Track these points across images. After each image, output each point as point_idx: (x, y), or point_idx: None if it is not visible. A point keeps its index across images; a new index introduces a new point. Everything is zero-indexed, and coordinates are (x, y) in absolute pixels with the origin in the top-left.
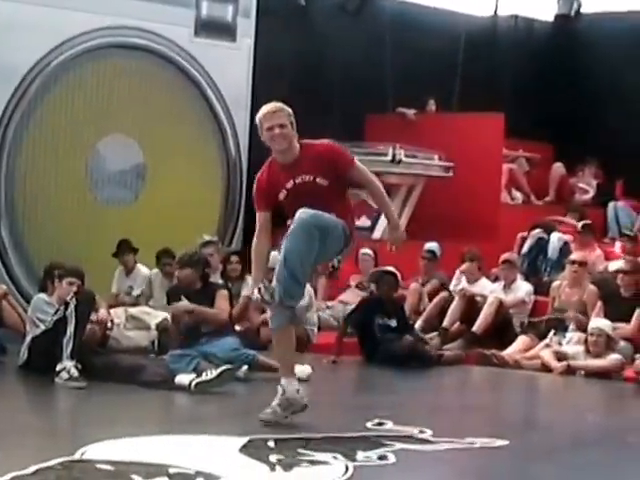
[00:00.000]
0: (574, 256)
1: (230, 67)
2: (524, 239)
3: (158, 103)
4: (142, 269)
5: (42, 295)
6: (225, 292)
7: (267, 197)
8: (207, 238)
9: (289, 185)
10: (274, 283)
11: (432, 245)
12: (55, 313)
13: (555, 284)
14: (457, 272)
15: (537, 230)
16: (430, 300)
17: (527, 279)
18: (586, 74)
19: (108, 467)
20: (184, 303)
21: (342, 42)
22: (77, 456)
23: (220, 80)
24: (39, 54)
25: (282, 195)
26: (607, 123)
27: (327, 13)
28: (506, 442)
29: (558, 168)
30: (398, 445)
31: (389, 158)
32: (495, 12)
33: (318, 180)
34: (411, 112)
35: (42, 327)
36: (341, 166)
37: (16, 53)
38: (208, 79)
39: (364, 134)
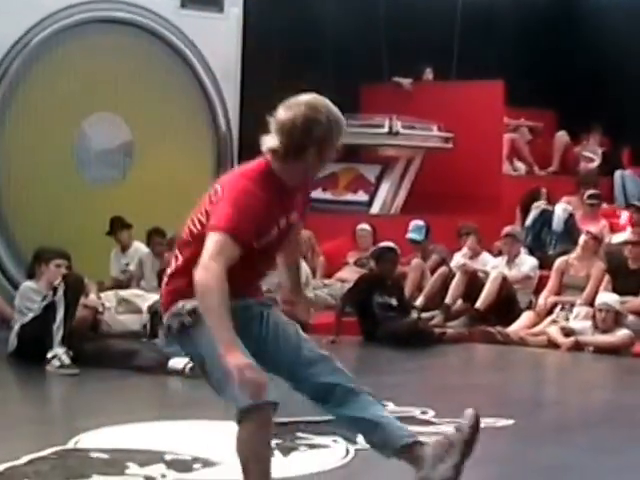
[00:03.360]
0: (590, 229)
1: (218, 39)
2: (523, 212)
3: (145, 79)
4: (139, 246)
5: (29, 283)
6: None
7: (257, 228)
8: None
9: (282, 223)
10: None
11: (412, 234)
12: (44, 299)
13: (562, 258)
14: (464, 248)
15: (540, 202)
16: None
17: (532, 253)
18: (589, 38)
19: (103, 455)
20: None
21: (335, 9)
22: (71, 445)
23: (208, 53)
24: (19, 32)
25: (269, 237)
26: (613, 89)
27: None
28: (511, 422)
29: (562, 137)
30: None
31: (386, 130)
32: None
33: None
34: (407, 82)
35: (30, 315)
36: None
37: None
38: (196, 52)
39: (360, 106)
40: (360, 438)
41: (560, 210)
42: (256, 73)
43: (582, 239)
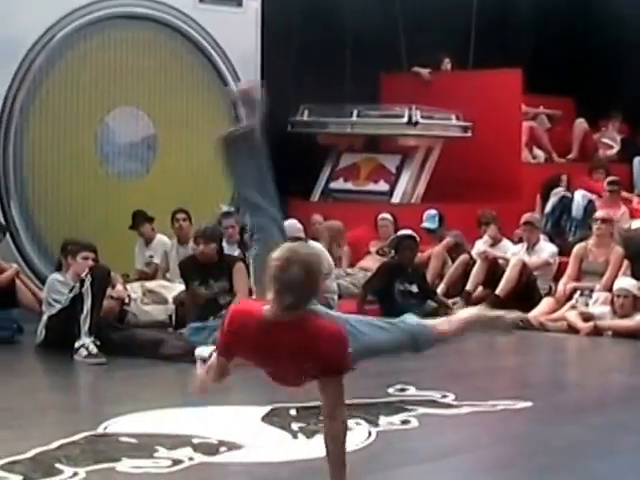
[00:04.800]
0: (598, 214)
1: (237, 32)
2: (543, 199)
3: (166, 73)
4: (163, 238)
5: (56, 275)
6: (242, 266)
7: None
8: (225, 209)
9: None
10: None
11: (426, 223)
12: (71, 290)
13: (581, 245)
14: (485, 236)
15: (559, 189)
16: None
17: (551, 240)
18: (608, 25)
19: (132, 440)
20: None
21: (353, 0)
22: (100, 430)
23: (228, 46)
24: (42, 28)
25: None
26: (631, 75)
27: None
28: (529, 404)
29: (580, 124)
30: (420, 410)
31: (405, 120)
32: None
33: None
34: (426, 71)
35: (58, 307)
36: None
37: (19, 27)
38: (215, 46)
39: (379, 96)
40: (382, 420)
41: (580, 197)
42: (275, 66)
43: (594, 226)
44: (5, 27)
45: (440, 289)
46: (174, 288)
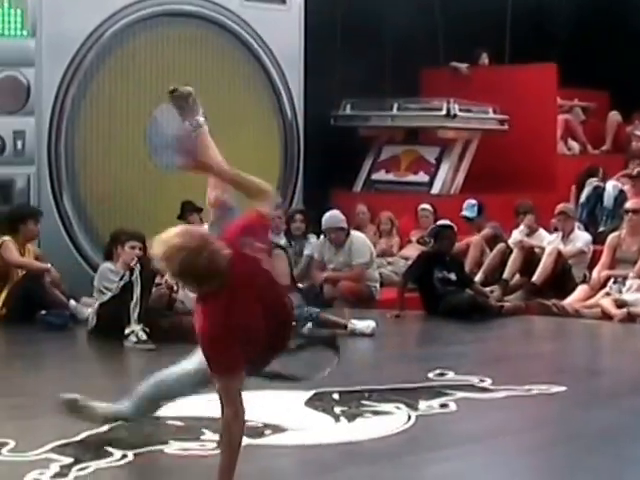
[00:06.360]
0: (628, 205)
1: (282, 29)
2: (579, 189)
3: (212, 68)
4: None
5: (107, 264)
6: (281, 253)
7: None
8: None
9: None
10: None
11: (465, 212)
12: (121, 279)
13: (614, 234)
14: (521, 226)
15: (593, 179)
16: None
17: (586, 229)
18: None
19: (179, 423)
20: None
21: None
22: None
23: (272, 43)
24: (92, 26)
25: None
26: None
27: None
28: (564, 388)
29: (614, 116)
30: (459, 394)
31: (444, 113)
32: None
33: None
34: (464, 66)
35: (109, 294)
36: None
37: (71, 25)
38: (261, 42)
39: (419, 90)
40: (422, 404)
41: (610, 187)
42: (318, 61)
43: (626, 217)
44: (57, 25)
45: (478, 277)
46: None
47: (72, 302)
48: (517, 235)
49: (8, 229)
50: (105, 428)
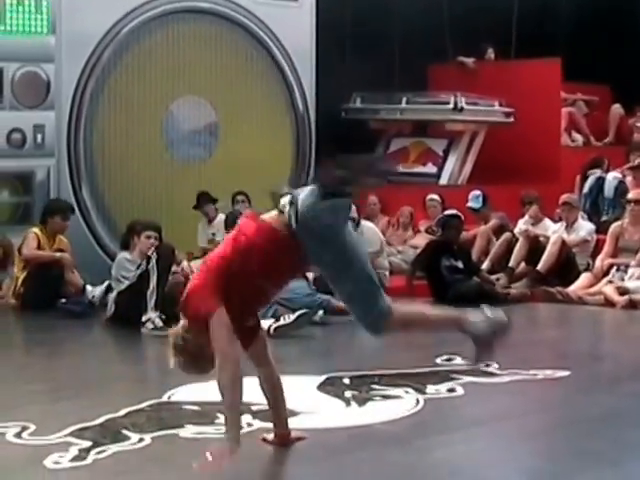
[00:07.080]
0: (630, 195)
1: (294, 26)
2: (583, 180)
3: (227, 64)
4: (224, 217)
5: (124, 254)
6: None
7: None
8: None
9: None
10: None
11: (470, 203)
12: (138, 268)
13: (616, 224)
14: (527, 215)
15: (596, 170)
16: None
17: (589, 219)
18: None
19: (194, 407)
20: None
21: None
22: (165, 399)
23: (285, 38)
24: (109, 23)
25: None
26: None
27: None
28: (567, 373)
29: (616, 109)
30: (465, 378)
31: (451, 106)
32: None
33: None
34: (471, 61)
35: (126, 283)
36: None
37: (88, 22)
38: (273, 38)
39: (427, 84)
40: (430, 388)
41: (611, 177)
42: (329, 56)
43: (628, 207)
44: (75, 22)
45: (485, 265)
46: None
47: (89, 287)
48: (522, 225)
49: (40, 220)
50: (123, 412)
